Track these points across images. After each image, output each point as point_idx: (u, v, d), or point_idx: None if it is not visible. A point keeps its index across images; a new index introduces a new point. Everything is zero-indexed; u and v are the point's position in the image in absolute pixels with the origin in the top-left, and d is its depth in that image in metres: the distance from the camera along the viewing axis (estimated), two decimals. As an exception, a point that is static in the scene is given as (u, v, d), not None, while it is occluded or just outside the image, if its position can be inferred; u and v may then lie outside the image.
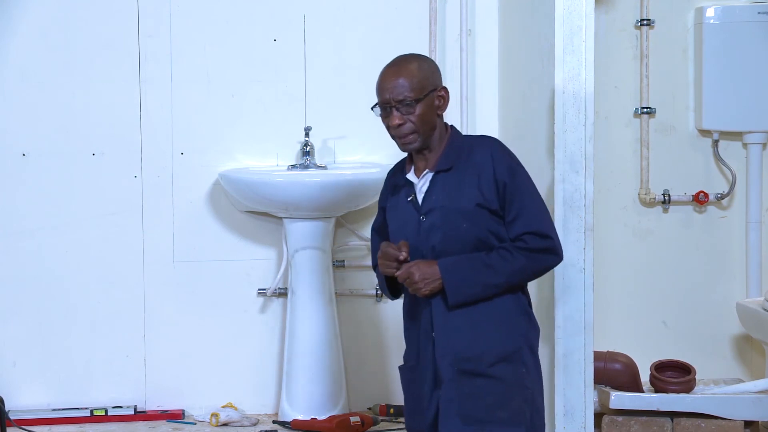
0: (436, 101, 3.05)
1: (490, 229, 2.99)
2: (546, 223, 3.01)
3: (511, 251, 2.96)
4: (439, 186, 3.03)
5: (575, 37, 3.68)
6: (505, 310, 3.01)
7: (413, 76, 3.02)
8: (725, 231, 4.63)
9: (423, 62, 3.08)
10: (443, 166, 3.04)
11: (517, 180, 3.00)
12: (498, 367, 2.97)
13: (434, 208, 3.02)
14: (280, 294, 4.48)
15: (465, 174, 3.01)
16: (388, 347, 4.55)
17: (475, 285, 2.96)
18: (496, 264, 2.96)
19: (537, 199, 3.03)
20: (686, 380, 4.06)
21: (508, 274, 2.97)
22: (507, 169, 3.00)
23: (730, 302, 4.49)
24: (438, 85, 3.06)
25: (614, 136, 4.57)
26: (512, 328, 3.01)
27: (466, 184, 3.00)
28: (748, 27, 4.51)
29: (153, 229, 4.45)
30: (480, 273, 2.96)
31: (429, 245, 3.02)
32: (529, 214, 2.99)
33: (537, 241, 2.98)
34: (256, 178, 4.31)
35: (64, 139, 4.41)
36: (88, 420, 4.38)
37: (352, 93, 4.49)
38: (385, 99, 3.06)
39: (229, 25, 4.45)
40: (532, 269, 3.00)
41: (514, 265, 2.96)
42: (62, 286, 4.43)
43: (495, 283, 2.97)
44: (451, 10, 4.50)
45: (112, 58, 4.41)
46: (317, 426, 4.22)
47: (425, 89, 3.02)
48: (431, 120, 3.04)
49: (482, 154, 3.02)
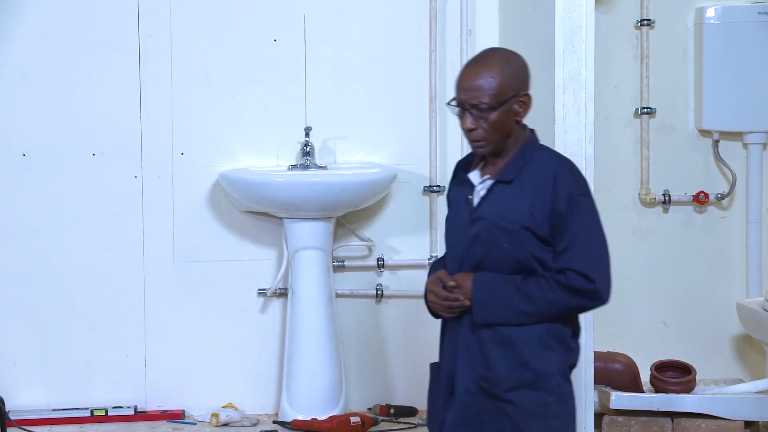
0: (516, 106, 2.85)
1: (534, 254, 2.83)
2: (595, 265, 2.81)
3: (550, 282, 2.81)
4: (494, 197, 2.88)
5: (575, 37, 3.69)
6: (536, 336, 2.84)
7: (493, 80, 2.81)
8: (725, 231, 4.64)
9: (507, 63, 2.85)
10: (504, 176, 2.87)
11: (576, 211, 2.82)
12: (516, 393, 2.83)
13: (482, 219, 2.87)
14: (281, 294, 4.49)
15: (522, 190, 2.85)
16: (389, 347, 4.55)
17: (503, 307, 2.83)
18: (531, 291, 2.81)
19: (593, 236, 2.84)
20: (686, 380, 4.06)
21: (542, 304, 2.81)
22: (567, 197, 2.81)
23: (731, 302, 4.49)
24: (521, 89, 2.85)
25: (614, 137, 4.57)
26: (540, 355, 2.84)
27: (519, 202, 2.84)
28: (748, 27, 4.51)
29: (153, 229, 4.45)
30: (511, 296, 2.82)
31: (471, 255, 2.88)
32: (579, 250, 2.80)
33: (579, 281, 2.80)
34: (256, 178, 4.31)
35: (64, 139, 4.41)
36: (89, 420, 4.38)
37: (353, 93, 4.50)
38: (460, 99, 2.87)
39: (230, 25, 4.45)
40: (568, 306, 2.83)
41: (549, 297, 2.80)
42: (62, 286, 4.43)
43: (526, 311, 2.82)
44: (452, 9, 4.50)
45: (112, 58, 4.41)
46: (317, 426, 4.22)
47: (505, 95, 2.82)
48: (506, 128, 2.86)
49: (545, 173, 2.84)
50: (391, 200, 4.53)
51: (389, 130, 4.52)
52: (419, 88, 4.51)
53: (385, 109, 4.51)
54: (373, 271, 4.54)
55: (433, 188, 4.51)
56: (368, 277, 4.55)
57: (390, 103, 4.51)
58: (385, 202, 4.51)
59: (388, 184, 4.36)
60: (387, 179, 4.34)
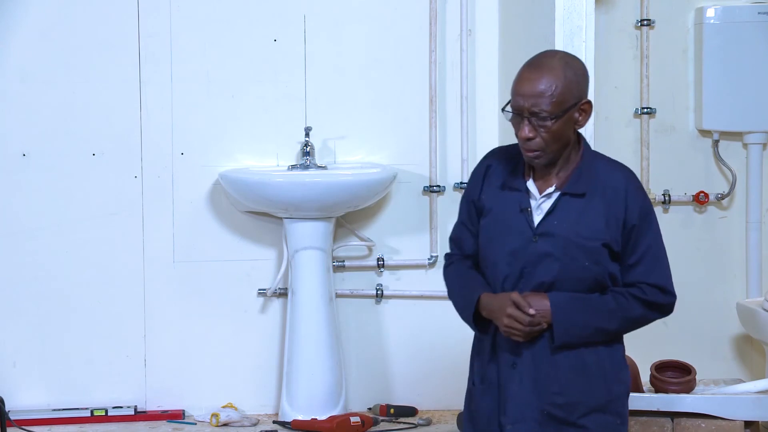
0: (576, 115, 2.69)
1: (610, 271, 2.72)
2: (669, 277, 2.78)
3: (628, 298, 2.72)
4: (564, 211, 2.71)
5: (575, 37, 3.69)
6: (608, 356, 2.76)
7: (556, 87, 2.64)
8: (725, 231, 4.64)
9: (569, 68, 2.68)
10: (575, 189, 2.72)
11: (648, 224, 2.73)
12: (589, 418, 2.73)
13: (553, 235, 2.70)
14: (281, 294, 4.48)
15: (593, 203, 2.71)
16: (388, 347, 4.55)
17: (586, 328, 2.70)
18: (612, 309, 2.70)
19: (662, 249, 2.77)
20: (686, 380, 4.06)
21: (623, 322, 2.73)
22: (640, 210, 2.71)
23: (731, 302, 4.49)
24: (582, 96, 2.69)
25: (614, 137, 4.57)
26: (613, 377, 2.75)
27: (594, 216, 2.70)
28: (748, 27, 4.51)
29: (153, 230, 4.45)
30: (595, 316, 2.70)
31: (539, 273, 2.72)
32: (653, 263, 2.74)
33: (657, 296, 2.75)
34: (256, 178, 4.31)
35: (64, 139, 4.41)
36: (89, 420, 4.38)
37: (353, 93, 4.50)
38: (518, 105, 2.68)
39: (229, 25, 4.45)
40: (646, 320, 2.77)
41: (630, 314, 2.72)
42: (62, 286, 4.43)
43: (607, 330, 2.72)
44: (451, 9, 4.50)
45: (112, 58, 4.40)
46: (317, 426, 4.22)
47: (566, 103, 2.66)
48: (565, 138, 2.70)
49: (616, 185, 2.72)
50: (391, 200, 4.52)
51: (389, 130, 4.52)
52: (419, 88, 4.51)
53: (385, 109, 4.51)
54: (373, 271, 4.54)
55: (433, 188, 4.51)
56: (368, 277, 4.55)
57: (390, 103, 4.51)
58: (385, 202, 4.51)
59: (388, 184, 4.36)
60: (387, 179, 4.33)
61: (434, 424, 4.38)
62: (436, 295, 4.52)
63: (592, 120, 3.63)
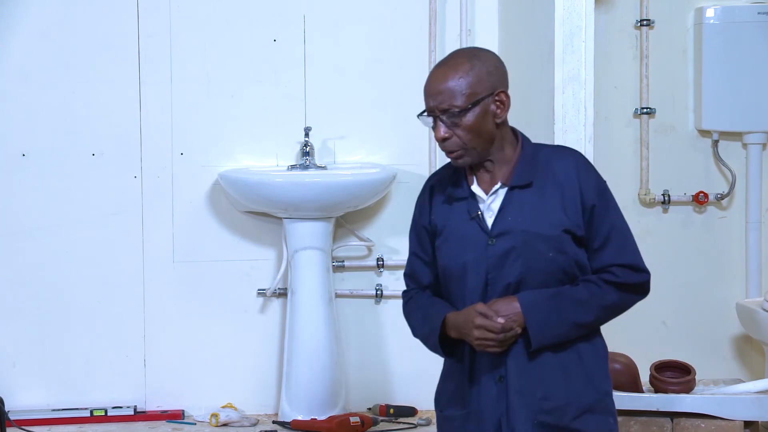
0: (493, 107, 2.59)
1: (577, 258, 2.59)
2: (638, 254, 2.63)
3: (600, 285, 2.59)
4: (516, 205, 2.60)
5: (575, 37, 3.69)
6: (590, 353, 2.63)
7: (462, 80, 2.57)
8: (725, 231, 4.64)
9: (477, 60, 2.60)
10: (521, 181, 2.61)
11: (607, 202, 2.62)
12: (582, 420, 2.60)
13: (510, 232, 2.59)
14: (280, 294, 4.48)
15: (546, 192, 2.60)
16: (388, 348, 4.55)
17: (562, 325, 2.57)
18: (588, 300, 2.57)
19: (626, 226, 2.65)
20: (686, 380, 4.06)
21: (599, 311, 2.59)
22: (595, 189, 2.61)
23: (730, 302, 4.49)
24: (496, 87, 2.59)
25: (614, 137, 4.57)
26: (598, 374, 2.64)
27: (549, 204, 2.59)
28: (747, 27, 4.51)
29: (153, 230, 4.45)
30: (570, 311, 2.57)
31: (503, 276, 2.60)
32: (619, 242, 2.60)
33: (630, 276, 2.60)
34: (255, 178, 4.31)
35: (63, 139, 4.41)
36: (88, 420, 4.38)
37: (352, 93, 4.50)
38: (429, 106, 2.64)
39: (229, 25, 4.45)
40: (621, 307, 2.63)
41: (606, 301, 2.59)
42: (62, 287, 4.43)
43: (585, 322, 2.58)
44: (451, 10, 4.50)
45: (111, 58, 4.41)
46: (317, 426, 4.22)
47: (477, 95, 2.57)
48: (484, 131, 2.59)
49: (565, 169, 2.61)
50: (390, 200, 4.53)
51: (389, 130, 4.52)
52: (419, 88, 4.48)
53: (384, 110, 4.51)
54: (372, 271, 4.54)
55: (433, 188, 4.51)
56: (368, 277, 4.55)
57: (389, 103, 4.51)
58: (384, 202, 4.51)
59: (388, 184, 4.36)
60: (386, 179, 4.33)
61: (434, 424, 4.38)
62: (435, 295, 4.53)
63: (591, 120, 3.63)
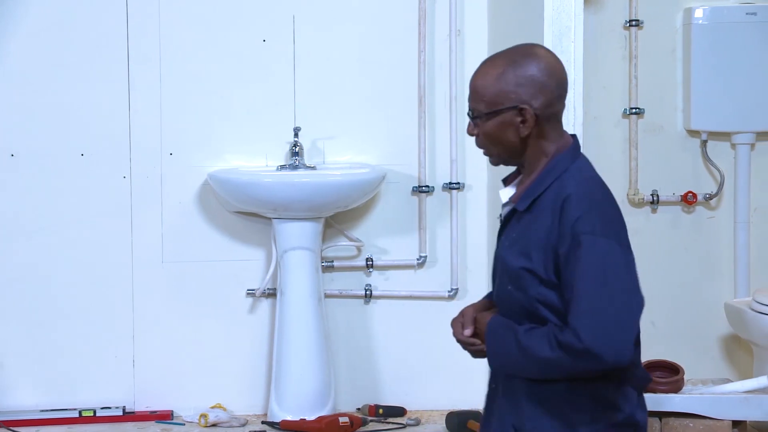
0: (517, 120, 2.43)
1: (538, 298, 2.38)
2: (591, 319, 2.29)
3: (549, 338, 2.34)
4: (512, 227, 2.48)
5: (564, 37, 3.70)
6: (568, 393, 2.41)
7: (490, 85, 2.43)
8: (713, 231, 4.64)
9: (514, 66, 2.43)
10: (522, 205, 2.45)
11: (580, 253, 2.32)
12: None
13: (498, 254, 2.52)
14: (269, 294, 4.48)
15: (534, 222, 2.42)
16: (377, 348, 4.55)
17: (510, 362, 2.43)
18: (528, 347, 2.37)
19: (594, 285, 2.31)
20: (674, 380, 4.06)
21: (536, 363, 2.37)
22: (571, 234, 2.34)
23: (719, 302, 4.50)
24: (523, 101, 2.41)
25: (603, 137, 4.57)
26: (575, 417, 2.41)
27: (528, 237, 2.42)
28: (736, 28, 4.52)
29: (142, 230, 4.44)
30: (512, 350, 2.41)
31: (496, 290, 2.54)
32: (578, 304, 2.31)
33: (570, 338, 2.31)
34: (245, 178, 4.30)
35: (52, 139, 4.40)
36: (77, 421, 4.37)
37: (342, 93, 4.49)
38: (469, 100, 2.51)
39: (218, 25, 4.44)
40: (565, 367, 2.35)
41: (543, 355, 2.35)
42: (50, 287, 4.42)
43: (526, 368, 2.40)
44: (441, 10, 4.50)
45: (100, 59, 4.40)
46: (306, 426, 4.22)
47: (497, 105, 2.43)
48: (505, 141, 2.46)
49: (555, 201, 2.39)
50: (380, 200, 4.53)
51: (378, 130, 4.52)
52: (408, 88, 4.51)
53: (374, 110, 4.51)
54: (361, 271, 4.54)
55: (422, 188, 4.51)
56: (357, 277, 4.55)
57: (379, 103, 4.51)
58: (374, 202, 4.51)
59: (377, 184, 4.36)
60: (376, 179, 4.33)
61: (423, 425, 4.38)
62: (424, 296, 4.53)
63: (580, 120, 3.64)
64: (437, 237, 4.55)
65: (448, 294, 4.53)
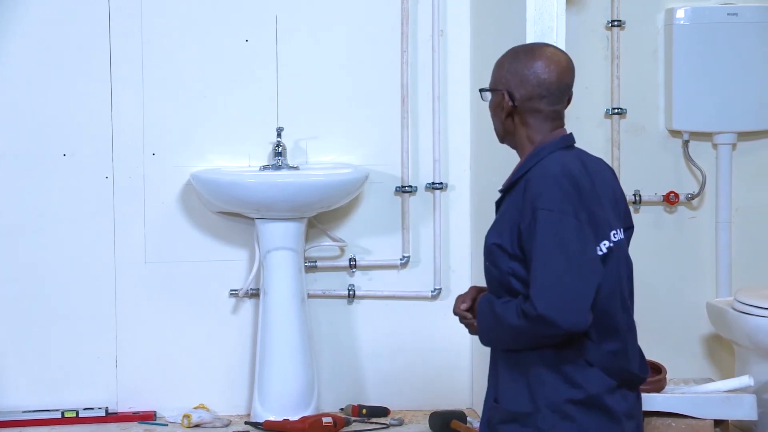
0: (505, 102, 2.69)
1: (509, 271, 2.58)
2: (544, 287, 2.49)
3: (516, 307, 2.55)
4: (500, 208, 2.71)
5: (546, 37, 3.70)
6: (538, 364, 2.59)
7: (495, 68, 2.73)
8: (695, 231, 4.66)
9: (510, 56, 2.71)
10: (505, 185, 2.69)
11: (536, 228, 2.52)
12: (507, 427, 2.61)
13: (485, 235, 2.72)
14: (252, 295, 4.48)
15: (512, 202, 2.63)
16: (361, 348, 4.55)
17: (492, 333, 2.64)
18: (501, 316, 2.58)
19: (547, 256, 2.51)
20: (657, 380, 4.08)
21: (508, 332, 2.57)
22: (531, 210, 2.54)
23: (701, 302, 4.52)
24: (508, 87, 2.67)
25: (585, 137, 4.56)
26: (528, 385, 2.60)
27: (504, 215, 2.63)
28: (717, 28, 4.54)
29: (124, 230, 4.44)
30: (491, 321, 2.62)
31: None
32: (534, 275, 2.51)
33: (527, 306, 2.51)
34: (227, 178, 4.30)
35: (34, 139, 4.39)
36: (59, 422, 4.36)
37: (325, 93, 4.49)
38: None
39: (201, 25, 4.44)
40: (530, 334, 2.54)
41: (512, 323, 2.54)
42: (32, 287, 4.41)
43: (502, 338, 2.62)
44: (423, 10, 4.50)
45: (82, 58, 4.39)
46: (289, 427, 4.22)
47: (493, 85, 2.72)
48: (497, 120, 2.73)
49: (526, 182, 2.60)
50: (363, 201, 4.53)
51: (361, 130, 4.52)
52: (391, 88, 4.51)
53: (357, 110, 4.51)
54: (345, 271, 4.54)
55: (405, 189, 4.52)
56: (340, 277, 4.55)
57: (362, 103, 4.51)
58: (357, 202, 4.51)
59: (360, 184, 4.36)
60: (359, 180, 4.34)
61: (406, 425, 4.38)
62: (407, 296, 4.53)
63: (563, 120, 3.64)
64: (420, 237, 4.56)
65: (431, 294, 4.54)
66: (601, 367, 2.61)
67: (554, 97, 2.71)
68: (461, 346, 4.52)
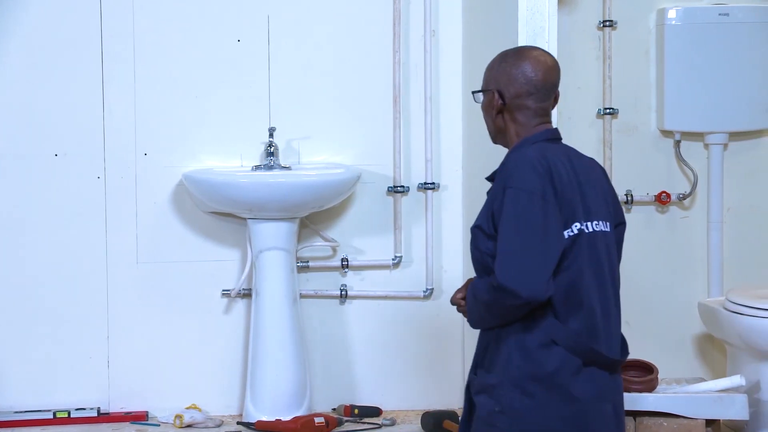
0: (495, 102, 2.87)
1: (486, 251, 2.74)
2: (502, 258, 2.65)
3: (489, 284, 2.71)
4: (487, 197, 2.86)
5: (538, 37, 3.71)
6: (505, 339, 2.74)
7: (486, 70, 2.92)
8: (687, 231, 4.67)
9: (498, 60, 2.89)
10: (491, 175, 2.88)
11: (503, 204, 2.70)
12: (479, 397, 2.79)
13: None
14: (245, 295, 4.48)
15: (492, 189, 2.81)
16: (353, 348, 4.55)
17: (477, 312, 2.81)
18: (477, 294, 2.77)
19: (505, 230, 2.67)
20: (649, 379, 4.08)
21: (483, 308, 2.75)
22: (501, 190, 2.72)
23: (692, 302, 4.52)
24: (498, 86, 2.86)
25: (577, 137, 4.58)
26: (498, 360, 2.75)
27: (487, 201, 2.81)
28: (709, 28, 4.54)
29: (116, 230, 4.43)
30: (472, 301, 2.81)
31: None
32: (498, 248, 2.67)
33: (493, 280, 2.67)
34: (219, 178, 4.30)
35: (26, 139, 4.38)
36: (51, 422, 4.35)
37: (317, 93, 4.49)
38: None
39: (193, 25, 4.43)
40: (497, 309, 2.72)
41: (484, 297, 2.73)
42: (24, 287, 4.40)
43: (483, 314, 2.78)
44: (415, 10, 4.50)
45: (74, 58, 4.38)
46: (281, 427, 4.22)
47: (484, 85, 2.91)
48: (489, 118, 2.91)
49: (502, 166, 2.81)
50: (355, 201, 4.53)
51: (353, 130, 4.52)
52: (383, 88, 4.51)
53: (349, 110, 4.52)
54: (337, 271, 4.54)
55: (398, 188, 4.52)
56: (332, 277, 4.55)
57: (354, 103, 4.51)
58: (349, 202, 4.51)
59: (352, 184, 4.36)
60: (351, 180, 4.34)
61: (398, 425, 4.39)
62: (400, 296, 4.53)
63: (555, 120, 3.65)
64: (412, 237, 4.56)
65: (423, 294, 4.54)
66: (566, 346, 2.71)
67: (541, 94, 2.86)
68: (453, 346, 4.52)
